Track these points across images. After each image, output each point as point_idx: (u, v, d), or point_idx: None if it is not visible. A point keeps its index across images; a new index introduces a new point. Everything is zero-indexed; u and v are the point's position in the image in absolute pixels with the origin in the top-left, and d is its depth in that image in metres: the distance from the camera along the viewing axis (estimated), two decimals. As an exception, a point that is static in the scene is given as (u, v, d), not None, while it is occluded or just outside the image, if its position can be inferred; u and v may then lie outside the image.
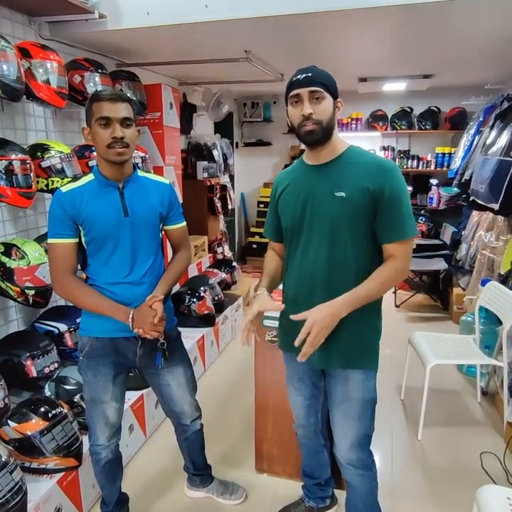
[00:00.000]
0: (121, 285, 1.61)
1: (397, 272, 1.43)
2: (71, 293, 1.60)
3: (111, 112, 1.49)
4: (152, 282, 1.66)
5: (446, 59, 3.43)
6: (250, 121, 5.93)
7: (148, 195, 1.66)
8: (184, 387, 1.83)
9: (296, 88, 1.37)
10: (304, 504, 1.98)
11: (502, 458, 2.32)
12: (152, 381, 1.84)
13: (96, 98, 1.52)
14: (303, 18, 2.22)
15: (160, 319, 1.57)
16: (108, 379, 1.68)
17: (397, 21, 2.40)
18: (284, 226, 1.58)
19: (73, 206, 1.54)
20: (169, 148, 3.40)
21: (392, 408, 2.84)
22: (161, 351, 1.68)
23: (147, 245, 1.66)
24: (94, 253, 1.61)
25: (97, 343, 1.66)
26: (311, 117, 1.36)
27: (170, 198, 1.72)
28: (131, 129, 1.54)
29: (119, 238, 1.59)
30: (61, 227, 1.55)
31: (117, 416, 1.75)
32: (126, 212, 1.59)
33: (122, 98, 1.53)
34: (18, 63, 1.94)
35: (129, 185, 1.62)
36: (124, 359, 1.69)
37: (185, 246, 1.83)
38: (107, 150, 1.51)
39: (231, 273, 4.40)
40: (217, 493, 2.10)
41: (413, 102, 5.23)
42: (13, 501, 1.57)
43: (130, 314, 1.56)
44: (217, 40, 2.70)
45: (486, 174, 3.09)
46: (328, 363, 1.53)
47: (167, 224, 1.76)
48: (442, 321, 4.28)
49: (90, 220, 1.55)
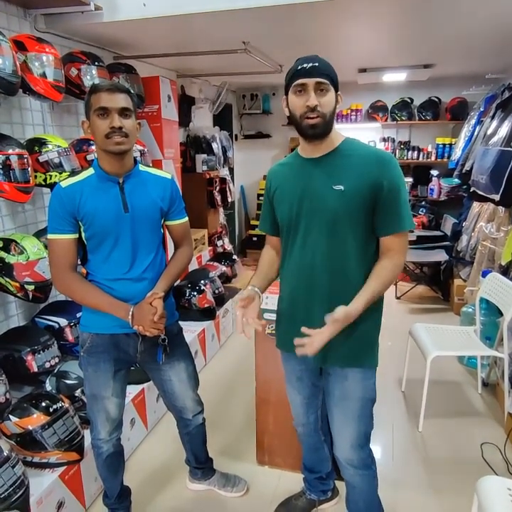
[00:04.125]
0: (122, 281, 1.60)
1: (397, 267, 1.43)
2: (71, 289, 1.59)
3: (109, 102, 1.47)
4: (153, 278, 1.65)
5: (446, 48, 3.40)
6: (249, 114, 5.89)
7: (149, 190, 1.64)
8: (186, 382, 1.82)
9: (301, 77, 1.32)
10: (305, 496, 1.99)
11: (503, 448, 2.33)
12: (154, 376, 1.84)
13: (94, 90, 1.50)
14: (301, 8, 2.19)
15: (160, 317, 1.55)
16: (109, 375, 1.67)
17: (396, 10, 2.37)
18: (281, 221, 1.55)
19: (73, 201, 1.52)
20: (168, 141, 3.38)
21: (392, 400, 2.85)
22: (161, 347, 1.67)
23: (148, 241, 1.64)
24: (95, 249, 1.59)
25: (98, 339, 1.65)
26: (316, 109, 1.32)
27: (171, 192, 1.70)
28: (130, 120, 1.52)
29: (119, 234, 1.57)
30: (60, 223, 1.53)
31: (118, 411, 1.75)
32: (127, 208, 1.57)
33: (120, 89, 1.51)
34: (13, 56, 1.92)
35: (129, 180, 1.59)
36: (125, 355, 1.69)
37: (187, 242, 1.81)
38: (106, 140, 1.48)
39: (231, 266, 4.40)
40: (218, 486, 2.11)
41: (413, 93, 5.19)
42: (15, 495, 1.59)
43: (130, 311, 1.55)
44: (215, 31, 2.68)
45: (486, 165, 3.08)
46: (326, 362, 1.51)
47: (168, 219, 1.73)
48: (443, 313, 4.27)
49: (90, 215, 1.53)
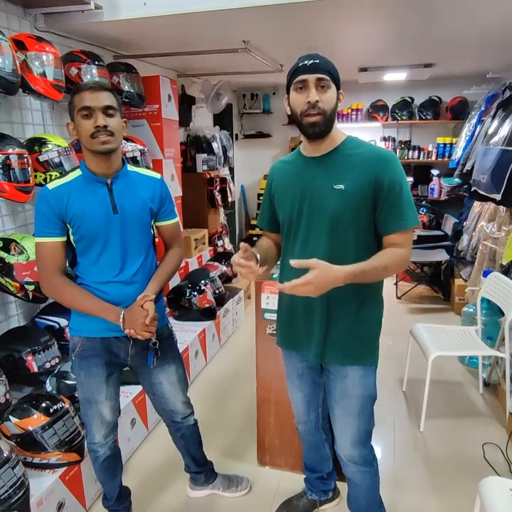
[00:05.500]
0: (112, 284, 1.57)
1: (401, 258, 1.38)
2: (59, 293, 1.56)
3: (92, 101, 1.44)
4: (143, 281, 1.62)
5: (447, 47, 3.39)
6: (250, 113, 5.88)
7: (139, 191, 1.61)
8: (176, 385, 1.80)
9: (302, 74, 1.32)
10: (306, 497, 1.98)
11: (504, 449, 2.32)
12: (144, 380, 1.81)
13: (76, 90, 1.47)
14: (302, 7, 2.18)
15: (152, 319, 1.53)
16: (101, 379, 1.65)
17: (397, 9, 2.36)
18: (282, 220, 1.55)
19: (60, 204, 1.49)
20: (168, 140, 3.37)
21: (393, 400, 2.84)
22: (152, 351, 1.65)
23: (138, 243, 1.61)
24: (84, 252, 1.56)
25: (88, 343, 1.62)
26: (317, 105, 1.32)
27: (161, 193, 1.67)
28: (115, 118, 1.49)
29: (109, 236, 1.55)
30: (48, 226, 1.50)
31: (112, 414, 1.73)
32: (116, 209, 1.54)
33: (103, 87, 1.48)
34: (13, 56, 1.91)
35: (117, 181, 1.56)
36: (116, 358, 1.67)
37: (177, 243, 1.79)
38: (91, 140, 1.46)
39: (232, 266, 4.38)
40: (223, 488, 2.09)
41: (414, 92, 5.18)
42: (15, 496, 1.58)
43: (121, 314, 1.52)
44: (215, 30, 2.67)
45: (487, 164, 3.07)
46: (326, 359, 1.51)
47: (158, 220, 1.71)
48: (444, 313, 4.27)
49: (78, 218, 1.50)
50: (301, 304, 1.50)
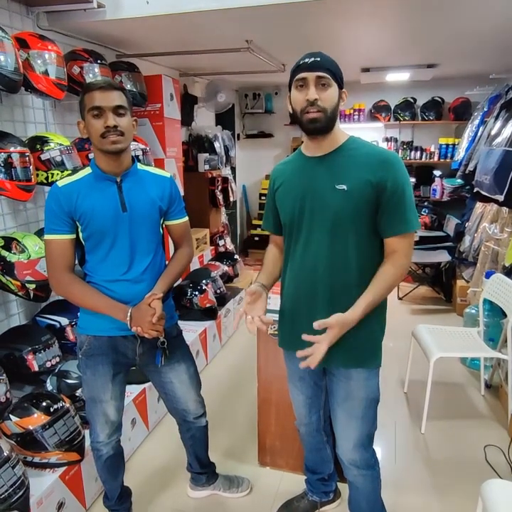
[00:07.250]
0: (120, 282, 1.57)
1: (402, 269, 1.41)
2: (68, 291, 1.56)
3: (102, 101, 1.44)
4: (152, 280, 1.62)
5: (450, 48, 3.38)
6: (252, 113, 5.88)
7: (148, 189, 1.61)
8: (187, 384, 1.80)
9: (302, 71, 1.31)
10: (307, 498, 1.97)
11: (506, 451, 2.31)
12: (154, 379, 1.81)
13: (87, 89, 1.47)
14: (305, 7, 2.18)
15: (159, 318, 1.53)
16: (107, 378, 1.65)
17: (400, 9, 2.36)
18: (283, 220, 1.54)
19: (70, 201, 1.50)
20: (170, 140, 3.37)
21: (395, 401, 2.83)
22: (160, 350, 1.64)
23: (147, 241, 1.61)
24: (92, 249, 1.56)
25: (95, 341, 1.62)
26: (316, 103, 1.31)
27: (171, 192, 1.67)
28: (125, 118, 1.49)
29: (117, 234, 1.55)
30: (57, 223, 1.51)
31: (117, 413, 1.73)
32: (125, 207, 1.54)
33: (114, 86, 1.48)
34: (15, 54, 1.91)
35: (127, 179, 1.57)
36: (124, 358, 1.66)
37: (187, 242, 1.78)
38: (101, 140, 1.46)
39: (233, 266, 4.38)
40: (224, 489, 2.09)
41: (416, 93, 5.17)
42: (15, 496, 1.58)
43: (128, 313, 1.52)
44: (218, 29, 2.66)
45: (490, 165, 3.06)
46: (330, 362, 1.49)
47: (168, 219, 1.71)
48: (446, 314, 4.26)
49: (87, 215, 1.51)
50: (304, 306, 1.49)
